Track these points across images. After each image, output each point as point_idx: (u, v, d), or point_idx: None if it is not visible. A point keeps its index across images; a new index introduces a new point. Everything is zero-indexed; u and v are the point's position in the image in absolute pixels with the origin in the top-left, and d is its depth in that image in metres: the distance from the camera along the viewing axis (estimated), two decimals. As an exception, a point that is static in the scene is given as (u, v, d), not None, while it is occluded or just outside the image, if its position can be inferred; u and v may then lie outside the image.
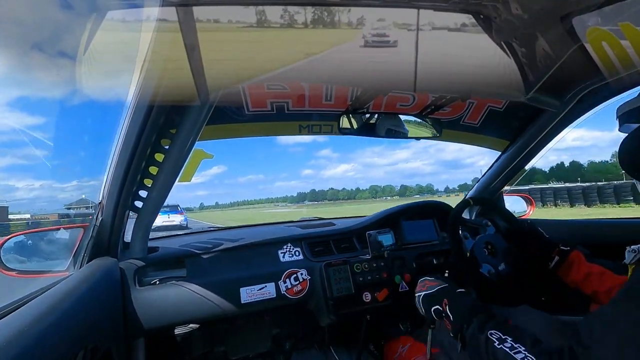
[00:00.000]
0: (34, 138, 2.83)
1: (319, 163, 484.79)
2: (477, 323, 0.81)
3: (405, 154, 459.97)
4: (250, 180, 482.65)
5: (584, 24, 0.82)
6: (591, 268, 1.05)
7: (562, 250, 1.12)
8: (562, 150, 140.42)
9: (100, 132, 1.34)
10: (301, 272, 1.40)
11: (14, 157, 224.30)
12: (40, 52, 0.74)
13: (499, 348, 0.72)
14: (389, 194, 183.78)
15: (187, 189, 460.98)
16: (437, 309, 0.97)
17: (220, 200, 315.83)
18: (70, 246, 1.27)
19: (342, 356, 1.67)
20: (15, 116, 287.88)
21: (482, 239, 1.26)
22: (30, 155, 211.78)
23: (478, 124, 1.66)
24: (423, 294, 1.05)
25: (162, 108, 0.93)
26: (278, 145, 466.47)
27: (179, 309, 1.22)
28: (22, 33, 0.69)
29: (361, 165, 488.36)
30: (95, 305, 0.95)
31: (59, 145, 8.17)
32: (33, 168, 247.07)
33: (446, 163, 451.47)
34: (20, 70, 0.77)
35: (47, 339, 0.64)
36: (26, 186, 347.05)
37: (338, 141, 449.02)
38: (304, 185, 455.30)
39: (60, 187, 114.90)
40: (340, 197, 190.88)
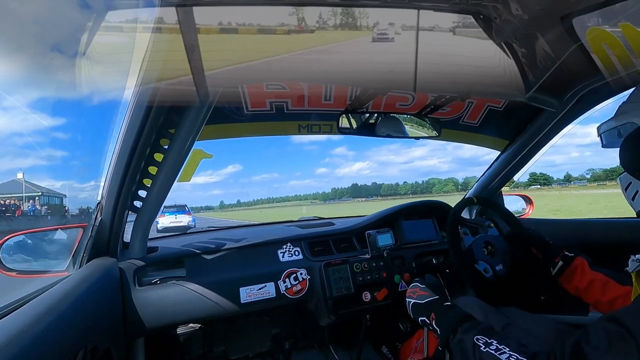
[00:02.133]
0: (35, 137, 2.83)
1: (334, 161, 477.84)
2: (463, 330, 0.83)
3: (422, 151, 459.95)
4: (272, 178, 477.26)
5: (584, 24, 0.82)
6: (595, 276, 1.03)
7: (566, 256, 1.10)
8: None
9: (100, 132, 1.33)
10: (301, 271, 1.40)
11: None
12: (40, 52, 0.74)
13: (485, 351, 0.74)
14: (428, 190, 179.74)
15: (202, 188, 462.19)
16: (424, 321, 1.00)
17: (241, 198, 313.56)
18: (70, 246, 1.27)
19: (342, 356, 1.67)
20: (15, 116, 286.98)
21: (482, 237, 1.26)
22: (31, 154, 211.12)
23: (477, 123, 1.66)
24: (413, 302, 1.08)
25: (161, 108, 0.93)
26: (291, 143, 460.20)
27: (179, 309, 1.22)
28: (23, 33, 0.69)
29: (376, 164, 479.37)
30: (95, 305, 0.94)
31: (59, 145, 8.09)
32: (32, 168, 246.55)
33: (464, 160, 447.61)
34: (21, 70, 0.77)
35: (47, 338, 0.64)
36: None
37: (352, 139, 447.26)
38: (326, 183, 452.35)
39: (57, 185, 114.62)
40: (382, 192, 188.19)
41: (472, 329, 0.82)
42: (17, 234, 1.32)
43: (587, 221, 1.71)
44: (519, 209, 2.08)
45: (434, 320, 0.96)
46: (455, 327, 0.86)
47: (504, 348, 0.72)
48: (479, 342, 0.76)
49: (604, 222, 1.64)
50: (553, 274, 1.12)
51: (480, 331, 0.80)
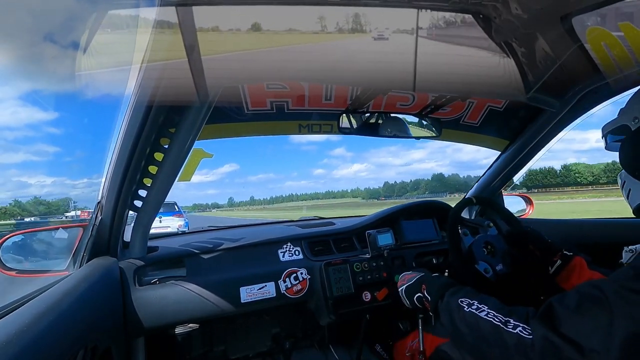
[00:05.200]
0: (35, 137, 2.83)
1: (332, 162, 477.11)
2: (449, 294, 0.91)
3: (421, 154, 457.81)
4: (268, 178, 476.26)
5: (584, 24, 0.82)
6: (593, 275, 1.03)
7: (565, 255, 1.11)
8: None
9: (100, 131, 1.34)
10: (301, 271, 1.40)
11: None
12: (40, 51, 0.74)
13: (468, 311, 0.81)
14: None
15: (196, 188, 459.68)
16: (419, 296, 1.06)
17: (256, 195, 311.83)
18: (70, 245, 1.27)
19: (342, 355, 1.67)
20: (15, 114, 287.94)
21: (482, 237, 1.26)
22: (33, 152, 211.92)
23: (478, 123, 1.67)
24: (405, 287, 1.13)
25: (161, 107, 0.93)
26: (290, 143, 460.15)
27: (179, 309, 1.22)
28: (23, 32, 0.69)
29: (374, 165, 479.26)
30: (95, 304, 0.95)
31: (60, 144, 8.04)
32: (33, 166, 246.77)
33: (462, 164, 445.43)
34: (21, 69, 0.77)
35: (47, 338, 0.64)
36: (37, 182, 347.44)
37: (352, 141, 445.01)
38: (322, 185, 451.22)
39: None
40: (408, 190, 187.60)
41: (458, 292, 0.90)
42: (17, 233, 1.32)
43: (587, 221, 1.71)
44: (518, 209, 2.08)
45: (425, 290, 1.02)
46: (442, 292, 0.94)
47: (483, 307, 0.79)
48: (462, 304, 0.84)
49: (602, 222, 1.64)
50: (551, 272, 1.12)
51: (464, 294, 0.88)
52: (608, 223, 1.60)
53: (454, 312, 0.85)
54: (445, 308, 0.90)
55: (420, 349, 1.19)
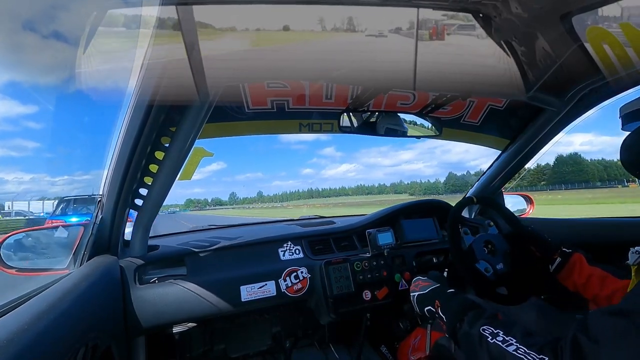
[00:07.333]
0: (35, 137, 2.83)
1: (320, 162, 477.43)
2: (469, 320, 0.83)
3: (410, 154, 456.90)
4: (259, 177, 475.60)
5: (584, 24, 0.82)
6: (593, 271, 1.04)
7: (564, 252, 1.11)
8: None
9: (100, 130, 1.34)
10: (301, 270, 1.40)
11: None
12: (40, 50, 0.74)
13: (492, 342, 0.73)
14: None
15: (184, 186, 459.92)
16: (430, 310, 1.00)
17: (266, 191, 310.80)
18: (70, 244, 1.27)
19: (342, 354, 1.68)
20: (14, 113, 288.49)
21: (482, 237, 1.26)
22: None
23: (478, 122, 1.66)
24: (417, 294, 1.08)
25: (162, 106, 0.93)
26: (279, 142, 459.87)
27: (179, 307, 1.23)
28: (24, 31, 0.69)
29: (363, 166, 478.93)
30: (96, 303, 0.95)
31: (60, 143, 7.98)
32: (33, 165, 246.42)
33: (450, 165, 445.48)
34: (21, 68, 0.77)
35: (48, 336, 0.64)
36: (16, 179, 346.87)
37: (341, 140, 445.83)
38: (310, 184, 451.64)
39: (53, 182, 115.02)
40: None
41: (478, 319, 0.81)
42: (18, 232, 1.32)
43: (587, 220, 1.71)
44: (519, 208, 2.08)
45: (440, 308, 0.96)
46: (461, 315, 0.86)
47: (510, 340, 0.71)
48: (485, 333, 0.76)
49: (603, 222, 1.64)
50: (551, 270, 1.12)
51: (486, 321, 0.79)
52: (612, 223, 1.60)
53: (476, 345, 0.77)
54: (465, 338, 0.82)
55: (426, 353, 1.19)
